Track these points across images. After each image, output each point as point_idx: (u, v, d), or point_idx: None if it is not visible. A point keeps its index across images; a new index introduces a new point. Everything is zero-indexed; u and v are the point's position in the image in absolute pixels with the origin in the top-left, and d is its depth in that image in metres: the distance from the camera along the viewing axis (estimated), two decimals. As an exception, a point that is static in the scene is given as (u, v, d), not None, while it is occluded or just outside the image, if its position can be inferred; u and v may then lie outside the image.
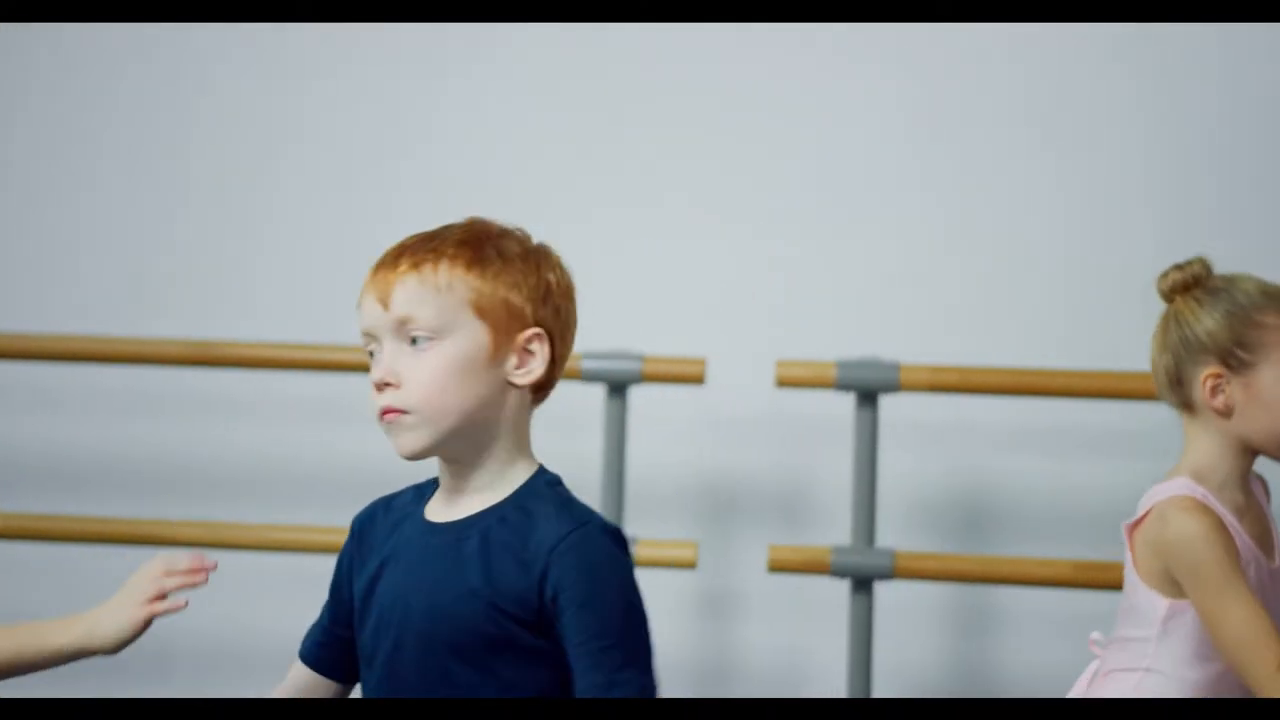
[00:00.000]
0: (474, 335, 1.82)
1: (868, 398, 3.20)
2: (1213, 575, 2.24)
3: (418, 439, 1.83)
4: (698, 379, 3.23)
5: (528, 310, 1.84)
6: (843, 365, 3.19)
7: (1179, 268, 2.36)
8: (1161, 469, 2.39)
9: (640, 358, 3.24)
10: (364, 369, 1.92)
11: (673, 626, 3.51)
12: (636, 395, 3.35)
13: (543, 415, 3.47)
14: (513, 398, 1.86)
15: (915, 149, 3.50)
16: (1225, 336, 2.30)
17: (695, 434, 3.50)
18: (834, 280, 3.50)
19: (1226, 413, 2.31)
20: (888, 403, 3.29)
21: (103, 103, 3.64)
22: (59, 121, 3.65)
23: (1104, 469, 3.37)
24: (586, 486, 3.39)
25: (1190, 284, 2.34)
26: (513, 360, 1.84)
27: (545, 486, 1.86)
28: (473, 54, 3.57)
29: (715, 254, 3.53)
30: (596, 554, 1.79)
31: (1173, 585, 2.30)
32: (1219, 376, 2.30)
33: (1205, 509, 2.28)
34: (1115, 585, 3.04)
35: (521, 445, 1.88)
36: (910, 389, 3.19)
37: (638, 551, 3.22)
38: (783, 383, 3.21)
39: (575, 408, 3.45)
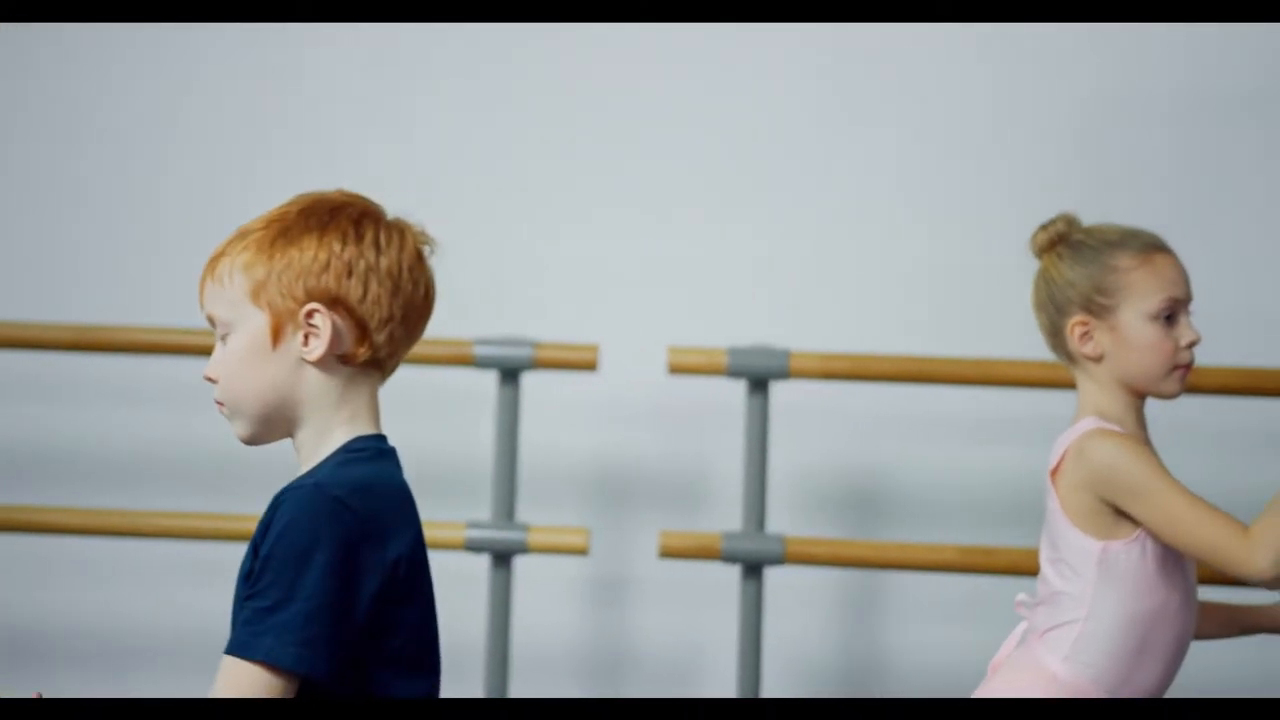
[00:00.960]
0: (254, 322, 1.87)
1: (759, 384, 3.22)
2: (1149, 481, 2.29)
3: (239, 428, 1.91)
4: (590, 365, 3.24)
5: (300, 287, 1.86)
6: (734, 352, 3.20)
7: (1044, 227, 2.44)
8: (1047, 455, 2.43)
9: (533, 344, 3.24)
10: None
11: (564, 613, 3.52)
12: (529, 381, 3.35)
13: (435, 401, 3.50)
14: (313, 374, 1.87)
15: (806, 139, 3.52)
16: (1085, 285, 2.37)
17: (588, 421, 3.51)
18: (727, 267, 3.52)
19: (1098, 358, 2.37)
20: (779, 389, 3.31)
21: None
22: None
23: (991, 455, 3.41)
24: (479, 473, 3.39)
25: (1056, 240, 2.41)
26: (299, 338, 1.86)
27: (339, 453, 1.87)
28: (354, 49, 3.56)
29: (607, 241, 3.54)
30: (299, 512, 1.80)
31: (1104, 523, 2.32)
32: (1085, 324, 2.37)
33: (1118, 432, 2.33)
34: (1000, 569, 3.10)
35: (339, 418, 1.88)
36: (800, 376, 3.21)
37: (530, 538, 3.22)
38: (674, 369, 3.22)
39: (468, 394, 3.45)
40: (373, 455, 1.87)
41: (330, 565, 1.78)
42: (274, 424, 1.89)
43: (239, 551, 1.88)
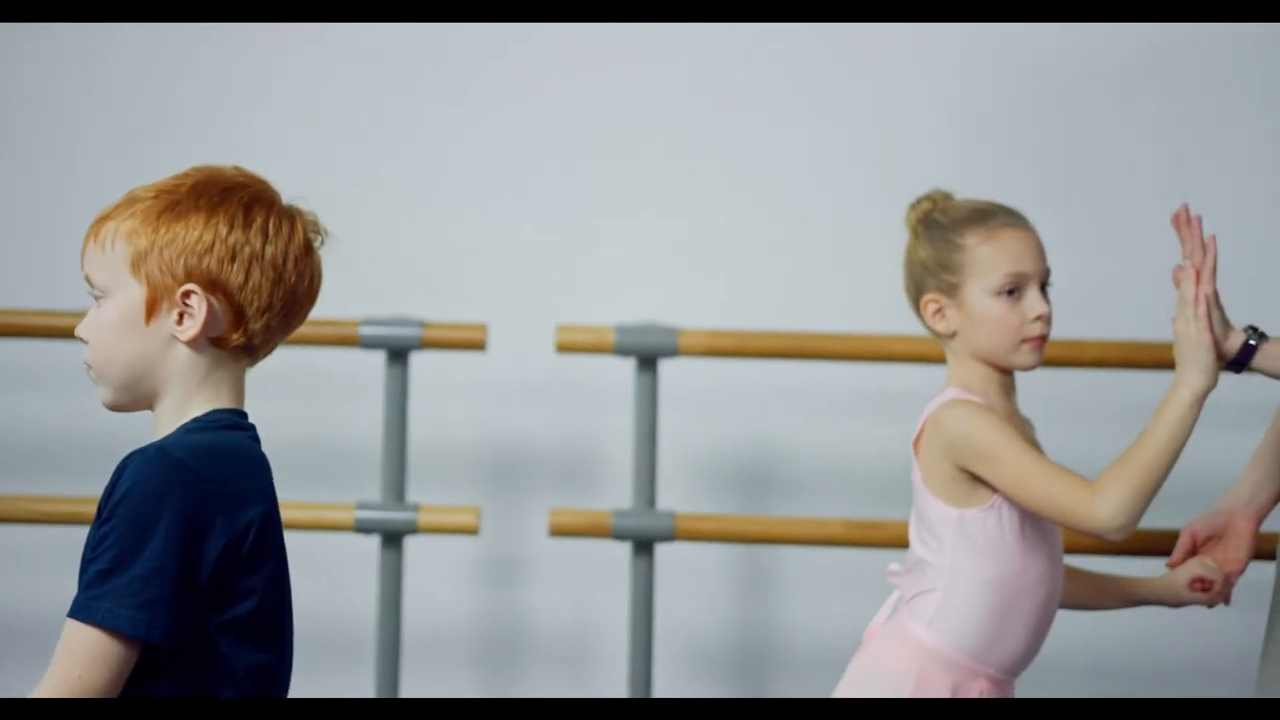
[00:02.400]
0: (130, 294, 1.86)
1: (647, 362, 3.23)
2: (997, 444, 2.33)
3: (104, 393, 1.90)
4: (479, 345, 3.24)
5: (180, 265, 1.84)
6: (621, 330, 3.21)
7: (913, 205, 2.48)
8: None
9: (420, 324, 3.24)
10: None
11: (457, 593, 3.52)
12: (417, 361, 3.35)
13: (323, 382, 3.49)
14: (181, 353, 1.86)
15: (687, 119, 3.54)
16: (934, 263, 2.42)
17: (477, 400, 3.51)
18: (616, 246, 3.53)
19: (952, 334, 2.42)
20: (669, 366, 3.32)
21: None
22: None
23: (878, 430, 3.45)
24: (368, 454, 3.38)
25: (921, 219, 2.46)
26: (173, 316, 1.86)
27: (190, 422, 1.86)
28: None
29: (495, 219, 3.54)
30: (141, 474, 1.79)
31: (961, 491, 2.38)
32: (937, 301, 2.42)
33: (973, 401, 2.38)
34: (885, 543, 3.14)
35: (200, 395, 1.87)
36: (688, 354, 3.22)
37: (420, 518, 3.21)
38: (562, 348, 3.23)
39: (355, 375, 3.44)
40: (225, 425, 1.86)
41: (172, 528, 1.77)
42: (138, 395, 1.88)
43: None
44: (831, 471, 3.48)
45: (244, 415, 1.90)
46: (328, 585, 3.47)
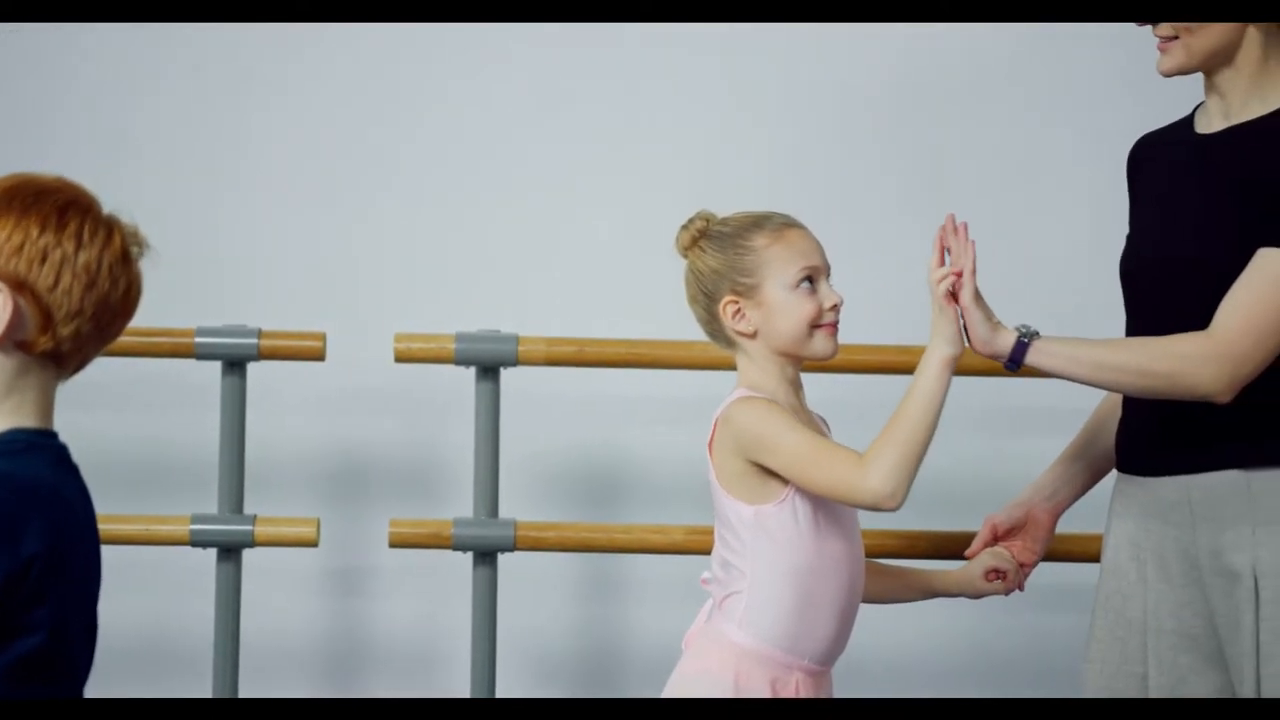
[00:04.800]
0: None
1: (488, 371, 3.22)
2: (778, 433, 2.42)
3: None
4: (317, 355, 3.21)
5: None
6: (461, 338, 3.20)
7: (684, 227, 2.58)
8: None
9: (257, 333, 3.20)
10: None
11: (298, 605, 3.49)
12: (255, 371, 3.31)
13: (158, 393, 3.43)
14: None
15: (527, 127, 3.54)
16: (727, 269, 2.51)
17: (316, 411, 3.48)
18: (457, 253, 3.52)
19: (753, 334, 2.50)
20: (509, 375, 3.31)
21: None
22: None
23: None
24: (205, 466, 3.33)
25: (697, 237, 2.54)
26: None
27: None
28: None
29: (333, 227, 3.52)
30: None
31: (754, 486, 2.45)
32: (736, 302, 2.50)
33: (758, 398, 2.47)
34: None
35: (3, 408, 1.83)
36: (528, 362, 3.21)
37: (257, 531, 3.18)
38: (401, 357, 3.20)
39: (191, 386, 3.40)
40: (22, 448, 1.82)
41: None
42: None
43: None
44: (672, 479, 3.49)
45: (50, 435, 1.85)
46: (164, 600, 3.43)
